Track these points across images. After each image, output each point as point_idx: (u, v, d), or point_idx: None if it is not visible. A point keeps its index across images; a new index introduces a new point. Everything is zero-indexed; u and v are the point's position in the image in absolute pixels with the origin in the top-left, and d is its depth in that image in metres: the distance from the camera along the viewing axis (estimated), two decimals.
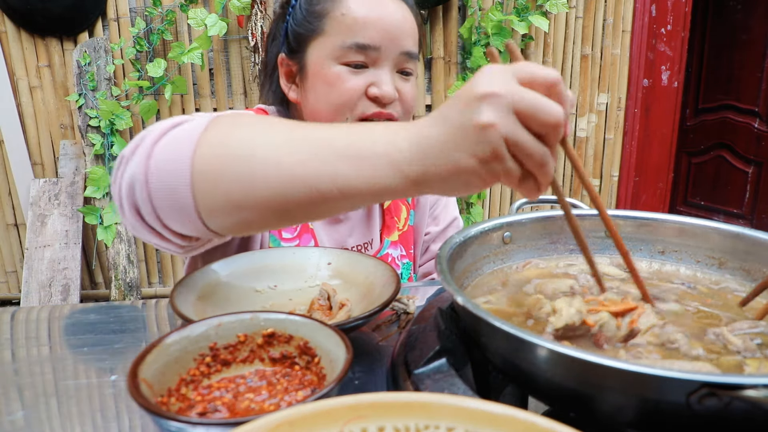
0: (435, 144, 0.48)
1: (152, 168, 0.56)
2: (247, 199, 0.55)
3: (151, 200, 0.57)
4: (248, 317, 0.54)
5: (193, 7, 2.47)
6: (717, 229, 0.71)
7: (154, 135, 0.58)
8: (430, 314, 0.62)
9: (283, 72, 0.96)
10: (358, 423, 0.35)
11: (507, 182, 0.49)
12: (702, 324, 0.58)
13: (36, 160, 2.65)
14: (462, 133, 0.47)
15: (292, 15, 0.93)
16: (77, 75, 2.51)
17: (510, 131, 0.46)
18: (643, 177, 3.16)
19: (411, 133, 0.50)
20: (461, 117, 0.47)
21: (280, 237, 0.95)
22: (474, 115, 0.46)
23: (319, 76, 0.89)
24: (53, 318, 0.82)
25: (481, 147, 0.46)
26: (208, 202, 0.56)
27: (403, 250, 1.08)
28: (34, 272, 2.55)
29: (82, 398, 0.60)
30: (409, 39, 0.90)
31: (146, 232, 0.62)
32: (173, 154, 0.56)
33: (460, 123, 0.47)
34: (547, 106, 0.46)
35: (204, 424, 0.40)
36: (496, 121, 0.45)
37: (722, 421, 0.40)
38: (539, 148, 0.47)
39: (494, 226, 0.72)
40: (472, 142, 0.46)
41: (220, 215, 0.57)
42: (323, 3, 0.89)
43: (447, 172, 0.48)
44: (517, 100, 0.46)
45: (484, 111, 0.45)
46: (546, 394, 0.50)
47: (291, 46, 0.93)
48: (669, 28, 2.95)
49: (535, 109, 0.46)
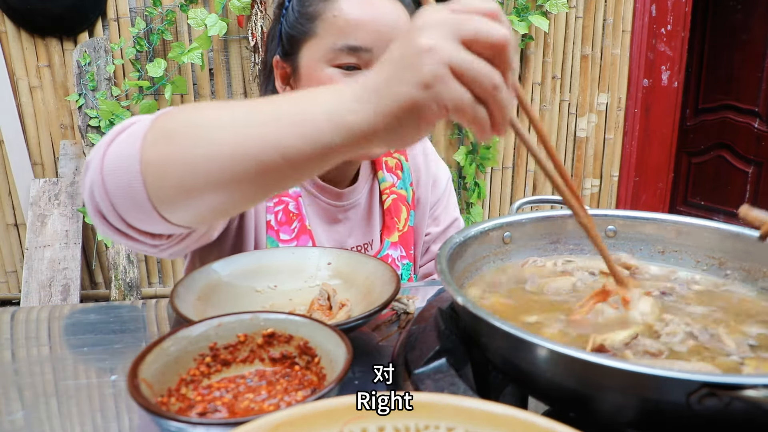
0: (377, 84, 0.47)
1: (106, 169, 0.57)
2: (196, 182, 0.54)
3: (110, 201, 0.57)
4: (248, 317, 0.54)
5: (193, 7, 2.47)
6: (717, 229, 0.71)
7: (108, 137, 0.59)
8: (430, 314, 0.62)
9: (278, 74, 0.96)
10: (358, 423, 0.35)
11: (459, 115, 0.46)
12: (700, 324, 0.58)
13: (36, 160, 2.65)
14: (402, 64, 0.45)
15: (285, 17, 0.92)
16: (77, 75, 2.51)
17: (451, 52, 0.44)
18: (643, 177, 3.16)
19: (354, 84, 0.49)
20: (401, 49, 0.46)
21: (278, 238, 0.95)
22: (413, 43, 0.45)
23: (311, 78, 0.88)
24: (53, 318, 0.82)
25: (422, 72, 0.44)
26: (160, 193, 0.56)
27: (403, 250, 1.08)
28: (34, 272, 2.55)
29: (82, 398, 0.60)
30: None
31: (113, 233, 0.62)
32: (123, 152, 0.56)
33: (400, 55, 0.46)
34: (490, 26, 0.45)
35: (204, 424, 0.40)
36: (436, 43, 0.44)
37: (722, 421, 0.40)
38: (486, 69, 0.45)
39: (494, 226, 0.72)
40: (414, 70, 0.44)
41: (174, 205, 0.57)
42: (315, 5, 0.88)
43: (393, 111, 0.46)
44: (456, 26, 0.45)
45: (423, 36, 0.44)
46: (546, 394, 0.50)
47: (285, 48, 0.93)
48: (669, 28, 2.95)
49: (476, 30, 0.44)
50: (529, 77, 2.88)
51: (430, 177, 1.15)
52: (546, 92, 2.92)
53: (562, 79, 2.94)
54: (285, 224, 0.95)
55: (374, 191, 1.08)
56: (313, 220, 1.00)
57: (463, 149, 2.83)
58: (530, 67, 2.87)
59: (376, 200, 1.08)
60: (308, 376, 0.52)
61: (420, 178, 1.14)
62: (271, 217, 0.95)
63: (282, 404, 0.48)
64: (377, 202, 1.08)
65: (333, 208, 1.02)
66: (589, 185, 3.13)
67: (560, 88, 2.94)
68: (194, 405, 0.48)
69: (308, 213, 0.99)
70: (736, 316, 0.60)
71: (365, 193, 1.07)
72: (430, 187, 1.15)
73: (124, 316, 0.81)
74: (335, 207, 1.02)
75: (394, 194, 1.08)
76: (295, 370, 0.53)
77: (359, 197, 1.05)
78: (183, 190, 0.55)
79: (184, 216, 0.59)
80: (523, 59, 2.87)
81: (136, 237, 0.63)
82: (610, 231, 0.76)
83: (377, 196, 1.08)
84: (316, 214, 1.01)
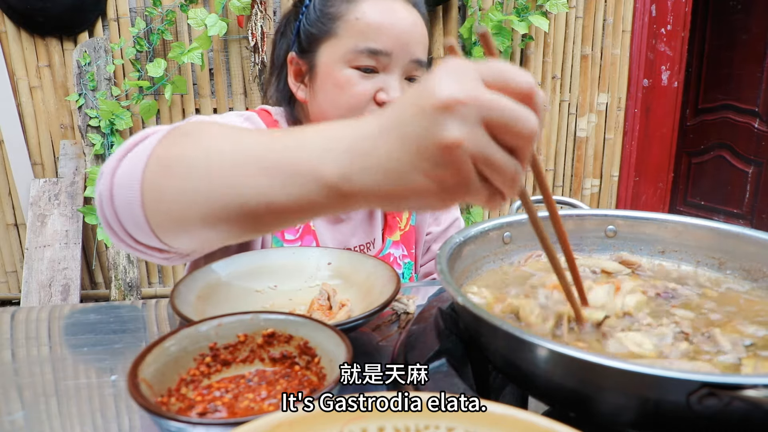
0: (381, 160, 0.41)
1: (116, 183, 0.56)
2: (187, 217, 0.53)
3: (116, 214, 0.57)
4: (248, 317, 0.54)
5: (193, 7, 2.47)
6: (717, 229, 0.71)
7: (124, 149, 0.58)
8: (430, 314, 0.62)
9: (292, 70, 0.96)
10: (358, 423, 0.35)
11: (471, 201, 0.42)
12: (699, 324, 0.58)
13: (36, 160, 2.65)
14: (419, 152, 0.39)
15: (306, 14, 0.93)
16: (77, 75, 2.51)
17: (480, 148, 0.38)
18: (643, 177, 3.16)
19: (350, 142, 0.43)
20: (418, 130, 0.39)
21: (283, 238, 0.95)
22: (435, 130, 0.38)
23: (329, 77, 0.89)
24: (53, 318, 0.82)
25: (442, 168, 0.39)
26: (155, 218, 0.55)
27: (405, 249, 1.08)
28: (34, 272, 2.55)
29: (82, 398, 0.60)
30: (420, 46, 0.91)
31: (123, 245, 0.62)
32: (129, 170, 0.56)
33: (417, 138, 0.39)
34: (522, 116, 0.38)
35: (204, 424, 0.40)
36: (462, 138, 0.37)
37: (722, 421, 0.40)
38: (511, 164, 0.40)
39: (494, 226, 0.72)
40: (432, 163, 0.39)
41: (168, 232, 0.56)
42: (337, 5, 0.89)
43: (395, 193, 0.41)
44: (486, 110, 0.38)
45: (448, 125, 0.37)
46: (546, 394, 0.50)
47: (302, 45, 0.94)
48: (669, 28, 2.95)
49: (507, 119, 0.38)
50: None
51: None
52: (546, 92, 2.92)
53: (562, 79, 2.94)
54: None
55: None
56: (318, 220, 1.01)
57: None
58: (530, 67, 2.87)
59: None
60: (308, 376, 0.52)
61: None
62: None
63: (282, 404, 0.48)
64: None
65: None
66: (589, 185, 3.13)
67: (560, 88, 2.94)
68: (194, 405, 0.48)
69: None
70: (736, 316, 0.60)
71: None
72: None
73: (124, 316, 0.81)
74: None
75: None
76: (295, 370, 0.53)
77: None
78: (175, 221, 0.55)
79: (179, 243, 0.59)
80: (523, 59, 2.87)
81: (143, 250, 0.62)
82: (610, 231, 0.76)
83: None
84: None
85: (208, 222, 0.52)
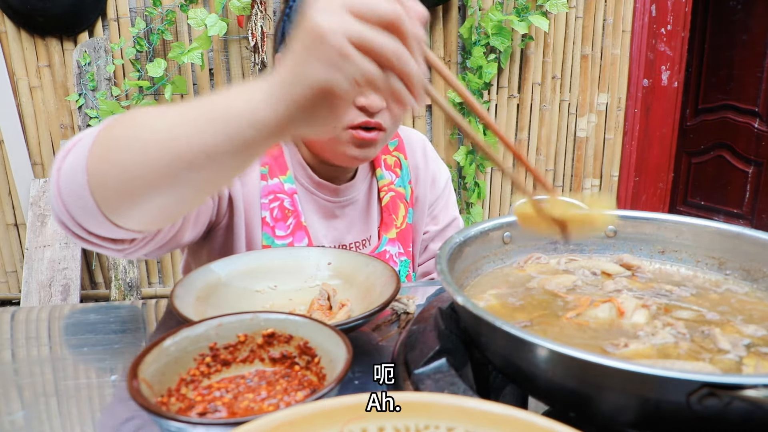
0: (285, 74, 0.48)
1: (61, 181, 0.59)
2: (133, 187, 0.56)
3: (67, 210, 0.60)
4: (248, 317, 0.54)
5: (193, 7, 2.47)
6: (717, 229, 0.71)
7: (64, 151, 0.61)
8: (430, 314, 0.62)
9: None
10: (358, 423, 0.35)
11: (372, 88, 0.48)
12: (699, 323, 0.58)
13: (36, 160, 2.65)
14: (306, 49, 0.46)
15: (288, 15, 0.93)
16: (77, 75, 2.51)
17: (349, 27, 0.45)
18: (643, 177, 3.16)
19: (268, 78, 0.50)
20: (301, 36, 0.47)
21: (273, 234, 0.95)
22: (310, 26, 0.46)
23: None
24: (53, 318, 0.82)
25: (326, 52, 0.45)
26: (105, 200, 0.58)
27: (401, 247, 1.08)
28: (34, 272, 2.55)
29: (82, 398, 0.60)
30: None
31: (78, 240, 0.65)
32: (73, 164, 0.59)
33: (302, 42, 0.47)
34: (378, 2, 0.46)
35: (204, 424, 0.40)
36: (332, 22, 0.45)
37: (722, 421, 0.40)
38: (385, 39, 0.46)
39: (494, 226, 0.72)
40: (318, 52, 0.46)
41: (119, 210, 0.59)
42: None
43: (305, 97, 0.47)
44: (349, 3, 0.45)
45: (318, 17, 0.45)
46: (546, 394, 0.50)
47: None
48: (669, 28, 2.95)
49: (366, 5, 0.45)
50: (529, 77, 2.88)
51: (429, 176, 1.16)
52: (546, 92, 2.92)
53: (562, 79, 2.94)
54: (280, 220, 0.96)
55: (372, 188, 1.09)
56: (312, 216, 1.01)
57: (463, 149, 2.83)
58: (530, 67, 2.87)
59: (374, 197, 1.09)
60: (308, 376, 0.52)
61: (419, 177, 1.14)
62: (266, 214, 0.95)
63: (282, 404, 0.48)
64: (375, 199, 1.09)
65: (330, 204, 1.02)
66: (589, 185, 3.13)
67: (560, 88, 2.94)
68: (194, 405, 0.48)
69: (305, 210, 1.00)
70: (735, 316, 0.60)
71: (363, 190, 1.07)
72: (428, 185, 1.16)
73: (124, 316, 0.81)
74: (332, 203, 1.02)
75: (393, 192, 1.08)
76: (295, 370, 0.53)
77: (357, 194, 1.05)
78: (123, 195, 0.57)
79: (132, 221, 0.61)
80: (523, 59, 2.87)
81: (98, 243, 0.65)
82: (610, 231, 0.76)
83: (375, 193, 1.09)
84: (314, 210, 1.02)
85: (155, 186, 0.55)
